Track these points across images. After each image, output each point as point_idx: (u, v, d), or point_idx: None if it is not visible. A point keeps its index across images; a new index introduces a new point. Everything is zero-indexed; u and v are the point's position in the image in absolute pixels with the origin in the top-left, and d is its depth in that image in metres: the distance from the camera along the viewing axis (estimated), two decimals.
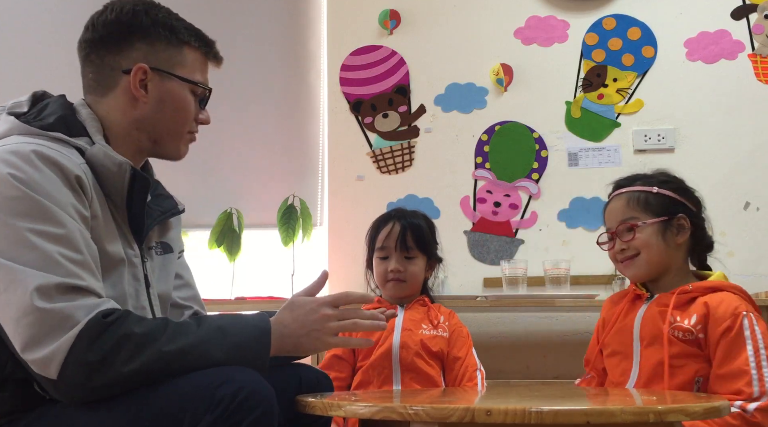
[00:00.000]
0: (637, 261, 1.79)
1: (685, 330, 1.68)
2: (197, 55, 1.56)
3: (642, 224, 1.78)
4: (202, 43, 1.57)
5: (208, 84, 1.60)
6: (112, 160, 1.40)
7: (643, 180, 1.85)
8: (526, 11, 3.30)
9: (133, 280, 1.45)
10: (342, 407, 1.23)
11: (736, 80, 3.16)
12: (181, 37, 1.53)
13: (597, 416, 1.10)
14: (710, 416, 1.23)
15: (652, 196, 1.80)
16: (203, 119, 1.62)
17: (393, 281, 2.16)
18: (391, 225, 2.17)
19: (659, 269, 1.79)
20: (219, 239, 3.12)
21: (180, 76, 1.52)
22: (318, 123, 3.37)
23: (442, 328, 2.15)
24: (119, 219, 1.44)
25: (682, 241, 1.80)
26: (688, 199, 1.84)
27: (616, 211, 1.84)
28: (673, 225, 1.79)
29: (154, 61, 1.49)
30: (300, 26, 3.43)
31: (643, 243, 1.77)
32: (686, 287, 1.74)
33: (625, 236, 1.79)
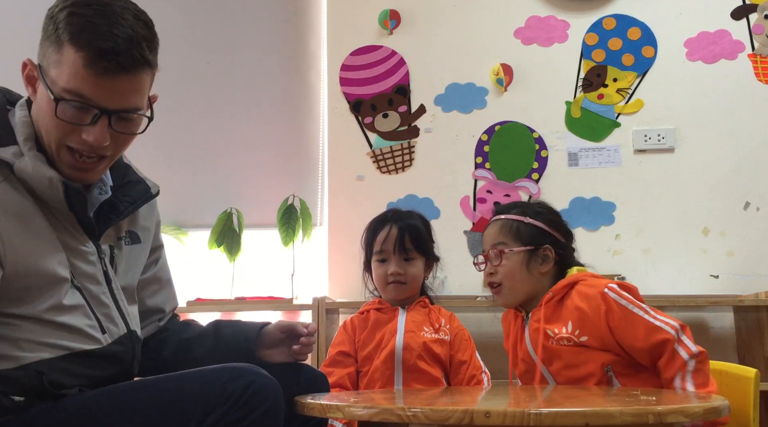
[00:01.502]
0: (503, 291, 1.89)
1: (567, 338, 1.75)
2: (75, 60, 1.28)
3: (509, 250, 1.87)
4: (84, 45, 1.28)
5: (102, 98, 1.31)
6: (42, 175, 1.33)
7: (520, 209, 1.94)
8: (526, 11, 3.30)
9: (91, 283, 1.42)
10: (341, 410, 1.23)
11: (736, 80, 3.16)
12: (62, 34, 1.30)
13: (596, 417, 1.10)
14: (710, 416, 1.23)
15: (523, 226, 1.89)
16: (87, 139, 1.32)
17: (393, 283, 2.16)
18: (389, 228, 2.17)
19: (526, 296, 1.88)
20: (219, 239, 3.12)
21: (46, 78, 1.32)
22: (318, 123, 3.37)
23: (443, 331, 2.15)
24: (66, 223, 1.40)
25: (546, 270, 1.87)
26: (557, 231, 1.91)
27: (490, 235, 1.94)
28: (538, 255, 1.87)
29: (41, 57, 1.35)
30: (300, 26, 3.42)
31: (506, 272, 1.87)
32: (547, 296, 1.82)
33: (494, 260, 1.89)
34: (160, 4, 3.43)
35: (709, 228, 3.10)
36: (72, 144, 1.34)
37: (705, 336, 3.03)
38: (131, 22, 1.33)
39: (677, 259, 3.09)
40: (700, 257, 3.08)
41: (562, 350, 1.76)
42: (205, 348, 1.60)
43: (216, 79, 3.40)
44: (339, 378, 2.08)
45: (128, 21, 1.32)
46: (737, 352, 2.98)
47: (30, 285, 1.32)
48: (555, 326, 1.78)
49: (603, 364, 1.73)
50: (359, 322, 2.19)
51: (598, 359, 1.74)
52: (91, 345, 1.38)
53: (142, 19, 1.37)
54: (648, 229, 3.13)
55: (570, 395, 1.49)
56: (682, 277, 3.07)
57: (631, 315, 1.71)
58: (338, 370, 2.12)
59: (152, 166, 3.47)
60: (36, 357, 1.31)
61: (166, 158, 3.35)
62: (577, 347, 1.75)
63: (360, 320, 2.19)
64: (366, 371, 2.12)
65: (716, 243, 3.08)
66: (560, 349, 1.76)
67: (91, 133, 1.33)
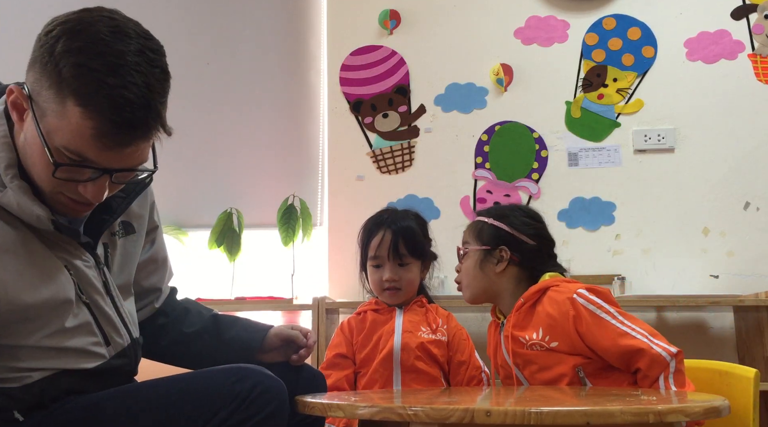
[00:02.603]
0: (462, 288, 1.96)
1: (538, 344, 1.77)
2: (84, 125, 1.16)
3: (468, 249, 1.94)
4: (96, 111, 1.15)
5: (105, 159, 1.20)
6: (30, 212, 1.24)
7: (490, 211, 1.99)
8: (526, 11, 3.30)
9: (97, 296, 1.38)
10: (342, 409, 1.23)
11: (736, 80, 3.16)
12: (66, 85, 1.16)
13: (597, 416, 1.10)
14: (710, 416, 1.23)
15: (486, 226, 1.94)
16: (86, 195, 1.24)
17: (389, 290, 2.15)
18: (383, 233, 2.14)
19: (485, 295, 1.93)
20: (219, 239, 3.12)
21: (43, 126, 1.19)
22: (318, 123, 3.37)
23: (440, 332, 2.14)
24: (60, 242, 1.33)
25: (500, 271, 1.89)
26: (525, 234, 1.92)
27: (463, 236, 2.01)
28: (494, 255, 1.90)
29: (35, 92, 1.20)
30: (300, 26, 3.43)
31: (464, 271, 1.94)
32: (519, 302, 1.83)
33: (459, 258, 1.97)
34: (160, 4, 3.44)
35: (709, 228, 3.10)
36: (68, 194, 1.26)
37: (705, 336, 3.03)
38: (146, 76, 1.19)
39: (677, 259, 3.09)
40: (700, 257, 3.08)
41: (533, 354, 1.78)
42: (206, 347, 1.59)
43: (216, 79, 3.40)
44: (337, 380, 2.07)
45: (143, 75, 1.19)
46: (737, 352, 2.98)
47: (29, 317, 1.27)
48: (526, 332, 1.79)
49: (574, 365, 1.75)
50: (356, 323, 2.18)
51: (569, 361, 1.75)
52: (94, 362, 1.36)
53: (158, 66, 1.24)
54: (648, 229, 3.13)
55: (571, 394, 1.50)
56: (682, 277, 3.07)
57: (599, 321, 1.72)
58: (336, 372, 2.11)
59: None
60: (39, 376, 1.30)
61: (166, 158, 3.33)
62: (547, 351, 1.76)
63: (357, 322, 2.18)
64: (364, 373, 2.12)
65: (716, 243, 3.09)
66: (532, 353, 1.78)
67: (89, 190, 1.24)
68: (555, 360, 1.76)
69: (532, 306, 1.81)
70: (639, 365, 1.68)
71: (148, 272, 1.62)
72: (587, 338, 1.72)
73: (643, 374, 1.68)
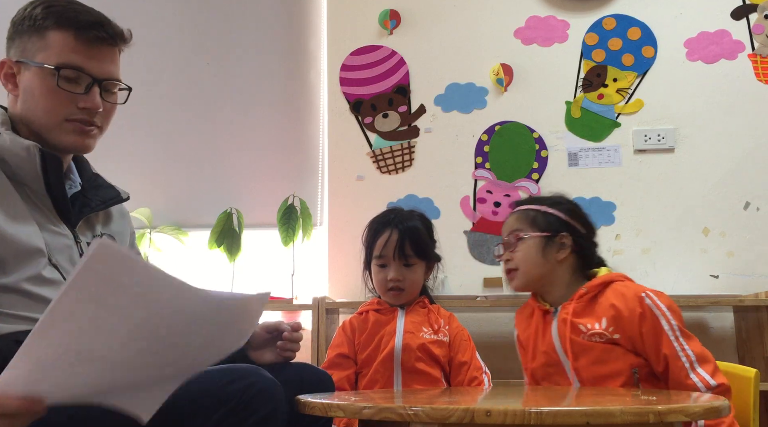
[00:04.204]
0: (517, 275, 1.91)
1: (599, 334, 1.76)
2: (62, 36, 1.46)
3: (526, 235, 1.90)
4: (67, 22, 1.46)
5: (92, 67, 1.47)
6: (20, 146, 1.41)
7: (538, 201, 1.98)
8: (526, 11, 3.30)
9: (68, 263, 1.44)
10: (342, 409, 1.23)
11: (736, 80, 3.16)
12: (42, 23, 1.46)
13: (597, 416, 1.10)
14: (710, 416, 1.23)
15: (540, 215, 1.92)
16: (85, 105, 1.47)
17: (392, 290, 2.15)
18: (389, 233, 2.14)
19: (539, 282, 1.91)
20: (219, 239, 3.12)
21: (34, 62, 1.46)
22: (318, 123, 3.37)
23: (442, 332, 2.14)
24: (40, 205, 1.45)
25: (563, 257, 1.88)
26: (576, 221, 1.94)
27: (507, 226, 1.97)
28: (554, 242, 1.89)
29: (20, 53, 1.48)
30: (300, 26, 3.43)
31: (522, 256, 1.90)
32: (581, 291, 1.83)
33: (510, 246, 1.93)
34: (160, 4, 3.44)
35: (709, 228, 3.10)
36: (71, 116, 1.46)
37: (705, 336, 3.03)
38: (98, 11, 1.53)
39: (677, 259, 3.09)
40: (700, 257, 3.08)
41: (591, 345, 1.76)
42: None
43: (216, 79, 3.40)
44: (338, 380, 2.07)
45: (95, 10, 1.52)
46: (737, 352, 2.98)
47: (5, 254, 1.34)
48: (587, 321, 1.78)
49: (631, 365, 1.74)
50: (358, 323, 2.18)
51: (627, 360, 1.75)
52: None
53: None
54: (648, 229, 3.13)
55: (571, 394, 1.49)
56: (682, 277, 3.07)
57: (658, 327, 1.73)
58: (337, 372, 2.11)
59: (152, 166, 3.50)
60: (13, 328, 1.32)
61: (166, 158, 3.35)
62: (608, 343, 1.75)
63: (359, 322, 2.18)
64: (365, 373, 2.12)
65: (716, 243, 3.09)
66: (590, 344, 1.76)
67: (88, 100, 1.46)
68: (613, 356, 1.75)
69: (593, 298, 1.81)
70: (671, 388, 1.69)
71: None
72: (645, 339, 1.73)
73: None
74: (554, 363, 1.84)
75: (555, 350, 1.83)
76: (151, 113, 3.34)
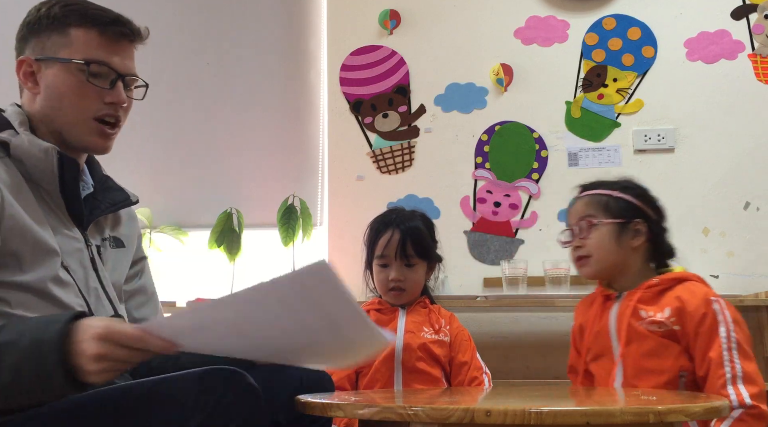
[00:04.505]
0: (590, 262, 1.85)
1: (659, 323, 1.73)
2: (86, 32, 1.47)
3: (599, 222, 1.84)
4: (90, 19, 1.48)
5: (116, 62, 1.49)
6: (38, 147, 1.41)
7: (607, 185, 1.91)
8: (526, 11, 3.30)
9: (78, 266, 1.43)
10: (341, 408, 1.23)
11: (736, 80, 3.16)
12: (63, 21, 1.47)
13: (597, 416, 1.10)
14: (710, 416, 1.23)
15: (612, 200, 1.86)
16: (112, 99, 1.49)
17: (394, 290, 2.15)
18: (391, 233, 2.15)
19: (612, 270, 1.85)
20: (219, 239, 3.12)
21: (58, 58, 1.46)
22: (318, 123, 3.37)
23: (443, 332, 2.15)
24: (54, 207, 1.44)
25: (638, 245, 1.84)
26: (648, 206, 1.89)
27: (577, 210, 1.90)
28: (629, 229, 1.84)
29: (39, 51, 1.48)
30: (300, 26, 3.43)
31: (596, 243, 1.83)
32: (652, 281, 1.80)
33: (582, 232, 1.86)
34: (160, 4, 3.44)
35: (709, 228, 3.10)
36: (97, 112, 1.47)
37: None
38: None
39: (677, 259, 3.08)
40: (700, 257, 3.07)
41: (648, 335, 1.73)
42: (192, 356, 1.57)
43: (216, 79, 3.40)
44: (338, 380, 2.07)
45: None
46: None
47: (23, 251, 1.33)
48: (651, 309, 1.75)
49: (681, 367, 1.71)
50: None
51: (678, 361, 1.72)
52: None
53: None
54: None
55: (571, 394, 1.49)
56: None
57: (714, 333, 1.69)
58: (337, 372, 2.12)
59: (153, 166, 3.50)
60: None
61: (167, 158, 3.35)
62: (664, 337, 1.72)
63: None
64: (365, 372, 2.12)
65: (716, 243, 3.08)
66: (647, 334, 1.73)
67: (114, 95, 1.48)
68: (666, 353, 1.72)
69: (662, 290, 1.78)
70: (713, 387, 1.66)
71: (139, 303, 1.64)
72: (699, 339, 1.70)
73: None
74: (603, 346, 1.80)
75: (608, 332, 1.80)
76: (152, 113, 3.33)
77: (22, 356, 1.15)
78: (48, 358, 1.13)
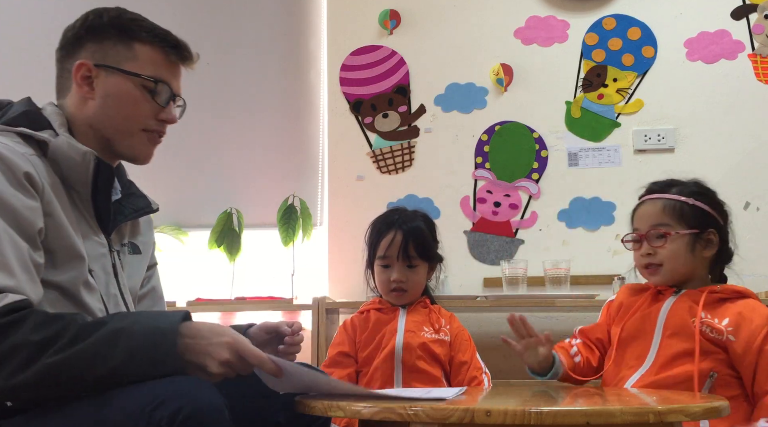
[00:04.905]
0: (662, 271, 1.82)
1: (717, 329, 1.71)
2: (152, 51, 1.53)
3: (675, 233, 1.80)
4: (158, 39, 1.54)
5: (173, 84, 1.56)
6: (76, 151, 1.41)
7: (680, 188, 1.86)
8: (526, 11, 3.30)
9: (102, 272, 1.45)
10: (342, 408, 1.23)
11: (736, 80, 3.16)
12: (130, 34, 1.52)
13: (597, 416, 1.10)
14: (710, 416, 1.23)
15: (687, 207, 1.82)
16: (165, 118, 1.55)
17: (395, 291, 2.16)
18: (393, 233, 2.15)
19: (682, 279, 1.83)
20: (219, 239, 3.12)
21: (125, 70, 1.50)
22: (318, 123, 3.37)
23: (443, 332, 2.15)
24: (84, 211, 1.45)
25: (709, 255, 1.82)
26: (719, 213, 1.86)
27: (650, 215, 1.85)
28: (702, 239, 1.81)
29: (100, 58, 1.50)
30: (300, 26, 3.42)
31: (670, 254, 1.80)
32: (714, 287, 1.77)
33: (655, 241, 1.81)
34: (160, 4, 3.44)
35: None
36: (147, 126, 1.53)
37: None
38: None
39: None
40: None
41: (695, 335, 1.70)
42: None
43: (216, 80, 3.39)
44: (339, 379, 2.08)
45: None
46: None
47: (57, 251, 1.34)
48: (710, 313, 1.73)
49: (712, 368, 1.69)
50: (359, 322, 2.19)
51: (716, 364, 1.69)
52: None
53: None
54: None
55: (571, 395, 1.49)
56: None
57: None
58: (338, 370, 2.12)
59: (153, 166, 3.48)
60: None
61: (166, 158, 3.34)
62: (713, 343, 1.69)
63: (360, 321, 2.19)
64: (366, 372, 2.13)
65: None
66: (694, 333, 1.70)
67: (167, 114, 1.55)
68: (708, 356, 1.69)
69: (722, 299, 1.76)
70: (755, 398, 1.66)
71: (147, 307, 1.67)
72: (744, 351, 1.67)
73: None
74: (644, 330, 1.78)
75: (655, 320, 1.78)
76: None
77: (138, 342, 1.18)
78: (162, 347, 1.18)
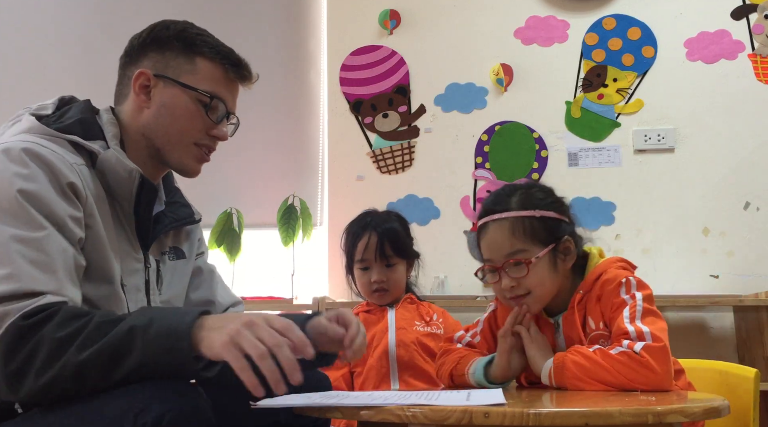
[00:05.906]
0: (528, 299, 1.59)
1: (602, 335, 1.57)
2: (213, 67, 1.55)
3: (535, 259, 1.55)
4: (220, 56, 1.55)
5: (229, 101, 1.57)
6: (123, 167, 1.42)
7: (519, 198, 1.62)
8: (526, 11, 3.30)
9: (133, 288, 1.44)
10: (340, 410, 1.23)
11: (736, 80, 3.16)
12: (194, 48, 1.53)
13: (595, 417, 1.09)
14: (710, 416, 1.23)
15: (537, 222, 1.58)
16: (217, 134, 1.56)
17: (377, 292, 2.18)
18: (368, 236, 2.18)
19: (550, 297, 1.62)
20: (219, 239, 3.12)
21: (183, 83, 1.50)
22: (318, 123, 3.37)
23: (435, 325, 2.16)
24: (125, 224, 1.45)
25: (571, 263, 1.61)
26: (564, 212, 1.64)
27: (499, 243, 1.58)
28: (559, 251, 1.59)
29: (161, 68, 1.51)
30: (300, 26, 3.43)
31: (536, 282, 1.57)
32: (577, 296, 1.60)
33: (515, 271, 1.56)
34: (159, 4, 3.44)
35: (709, 228, 3.10)
36: (198, 140, 1.54)
37: (705, 336, 3.03)
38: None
39: (677, 259, 3.09)
40: (700, 257, 3.08)
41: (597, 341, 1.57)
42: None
43: None
44: (334, 380, 2.08)
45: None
46: (737, 352, 2.98)
47: (93, 262, 1.33)
48: (590, 321, 1.59)
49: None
50: None
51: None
52: None
53: None
54: (648, 229, 3.13)
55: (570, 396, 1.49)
56: (682, 277, 3.07)
57: (619, 308, 1.53)
58: (332, 372, 2.12)
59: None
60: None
61: None
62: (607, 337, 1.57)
63: None
64: (360, 372, 2.13)
65: (716, 243, 3.08)
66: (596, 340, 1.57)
67: (219, 130, 1.56)
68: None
69: (588, 295, 1.59)
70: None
71: (194, 286, 1.66)
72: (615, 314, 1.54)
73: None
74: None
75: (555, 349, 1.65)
76: None
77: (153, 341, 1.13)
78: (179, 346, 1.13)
